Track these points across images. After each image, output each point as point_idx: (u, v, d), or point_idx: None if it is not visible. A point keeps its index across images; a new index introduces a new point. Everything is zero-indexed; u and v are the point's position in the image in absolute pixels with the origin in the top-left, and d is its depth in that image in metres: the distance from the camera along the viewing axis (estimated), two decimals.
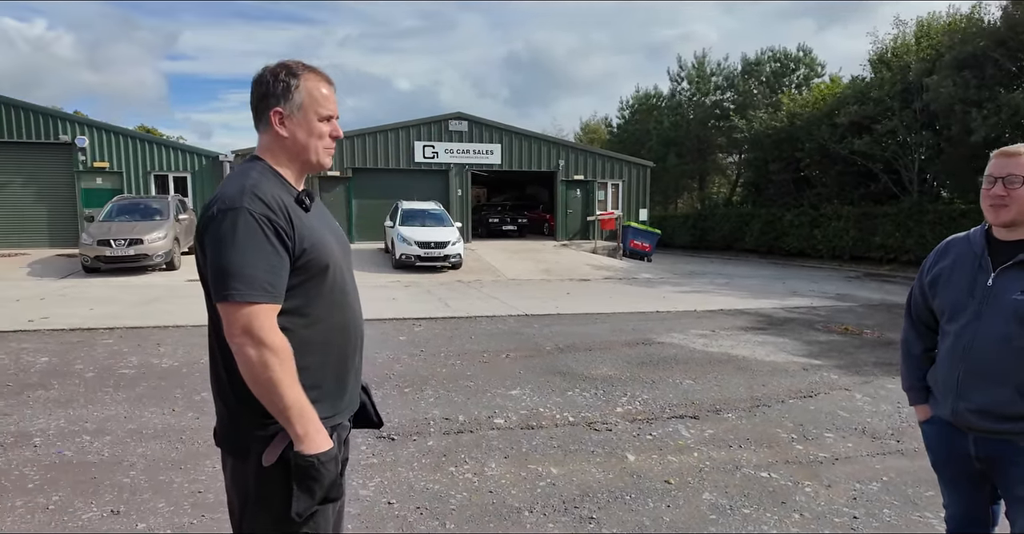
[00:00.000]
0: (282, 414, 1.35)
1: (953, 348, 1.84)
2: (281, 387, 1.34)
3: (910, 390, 2.05)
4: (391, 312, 8.77)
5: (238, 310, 1.34)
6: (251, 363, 1.33)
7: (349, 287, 1.58)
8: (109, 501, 3.08)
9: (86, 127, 17.65)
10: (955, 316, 1.83)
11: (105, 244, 12.21)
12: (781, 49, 27.68)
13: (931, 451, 2.01)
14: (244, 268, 1.34)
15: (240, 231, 1.35)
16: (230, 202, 1.38)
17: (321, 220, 1.56)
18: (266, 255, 1.37)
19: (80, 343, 6.65)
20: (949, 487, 1.99)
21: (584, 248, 19.59)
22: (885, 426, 4.34)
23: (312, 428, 1.37)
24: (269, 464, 1.40)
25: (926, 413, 1.99)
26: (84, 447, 3.77)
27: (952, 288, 1.85)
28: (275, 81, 1.49)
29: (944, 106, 15.71)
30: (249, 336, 1.33)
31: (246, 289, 1.34)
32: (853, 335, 7.73)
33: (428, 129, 20.16)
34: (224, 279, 1.35)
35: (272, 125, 1.49)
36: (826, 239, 19.21)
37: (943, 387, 1.89)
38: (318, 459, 1.36)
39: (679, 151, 28.27)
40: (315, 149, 1.52)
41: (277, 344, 1.35)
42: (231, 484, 1.50)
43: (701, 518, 3.00)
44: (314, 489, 1.38)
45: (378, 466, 3.53)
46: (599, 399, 4.89)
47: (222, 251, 1.36)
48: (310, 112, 1.49)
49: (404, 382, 5.23)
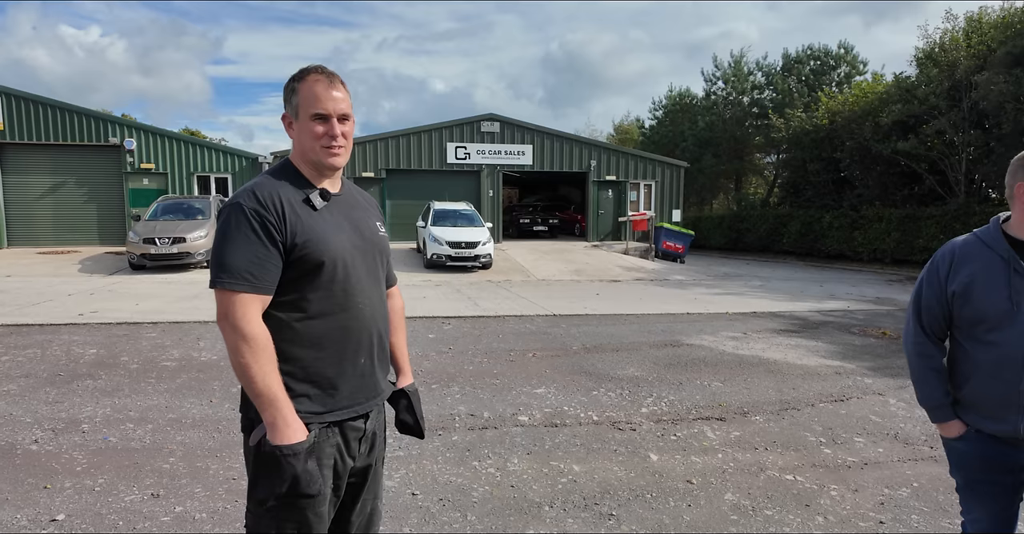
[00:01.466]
0: (255, 400, 1.42)
1: (1008, 359, 1.74)
2: (251, 374, 1.40)
3: (938, 407, 1.92)
4: (421, 310, 8.91)
5: (221, 297, 1.44)
6: (228, 348, 1.43)
7: (358, 287, 1.57)
8: (150, 485, 3.24)
9: (134, 130, 18.39)
10: (997, 326, 1.75)
11: (150, 242, 12.71)
12: (822, 47, 27.05)
13: (967, 467, 1.91)
14: (229, 259, 1.44)
15: (231, 225, 1.47)
16: (232, 199, 1.52)
17: (337, 218, 1.60)
18: (251, 247, 1.45)
19: (126, 336, 6.96)
20: (984, 501, 1.90)
21: (615, 249, 19.47)
22: (919, 432, 4.24)
23: (280, 419, 1.41)
24: (253, 444, 1.47)
25: (960, 429, 1.89)
26: (128, 434, 3.96)
27: (989, 296, 1.76)
28: (285, 87, 1.62)
29: (995, 104, 15.10)
30: (227, 322, 1.43)
31: (228, 278, 1.43)
32: (890, 339, 7.52)
33: (460, 130, 20.35)
34: (214, 268, 1.47)
35: (286, 128, 1.64)
36: (867, 241, 18.66)
37: (999, 401, 1.78)
38: (280, 450, 1.40)
39: (715, 151, 27.84)
40: (313, 149, 1.58)
41: (251, 333, 1.42)
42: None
43: (722, 518, 2.99)
44: (273, 480, 1.41)
45: (404, 459, 3.62)
46: (624, 399, 4.89)
47: (217, 242, 1.49)
48: (304, 114, 1.57)
49: (432, 378, 5.32)
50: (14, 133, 17.32)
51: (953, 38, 17.79)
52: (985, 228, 1.83)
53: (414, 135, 20.06)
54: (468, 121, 20.45)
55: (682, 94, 31.83)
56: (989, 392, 1.80)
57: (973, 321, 1.81)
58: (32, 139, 17.44)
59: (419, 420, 1.77)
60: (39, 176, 17.78)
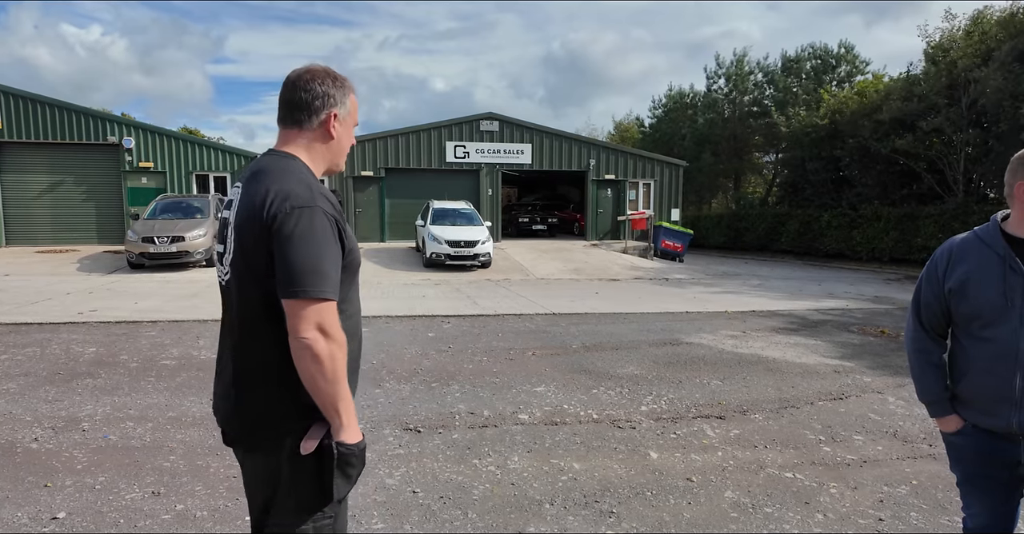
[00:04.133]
0: (335, 404, 1.40)
1: (1001, 355, 1.76)
2: (342, 380, 1.40)
3: (936, 402, 1.95)
4: (421, 309, 8.91)
5: (310, 306, 1.36)
6: (321, 357, 1.36)
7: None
8: (150, 483, 3.24)
9: (132, 129, 18.36)
10: (992, 322, 1.77)
11: (149, 241, 12.70)
12: (822, 46, 27.06)
13: (965, 462, 1.93)
14: (321, 266, 1.38)
15: (318, 230, 1.40)
16: (304, 200, 1.41)
17: None
18: (336, 254, 1.43)
19: (125, 335, 6.96)
20: (982, 496, 1.92)
21: (614, 248, 19.48)
22: (918, 430, 4.25)
23: (354, 419, 1.46)
24: (308, 453, 1.44)
25: (957, 424, 1.91)
26: (128, 432, 3.96)
27: (984, 292, 1.78)
28: (335, 83, 1.56)
29: (993, 101, 15.12)
30: (323, 331, 1.37)
31: (324, 286, 1.38)
32: (889, 338, 7.54)
33: (459, 129, 20.33)
34: (299, 275, 1.36)
35: (327, 126, 1.56)
36: (865, 240, 18.69)
37: (994, 396, 1.80)
38: (358, 447, 1.45)
39: (714, 150, 27.84)
40: (343, 154, 1.63)
41: (342, 339, 1.42)
42: (259, 477, 1.53)
43: (722, 516, 3.00)
44: (352, 475, 1.46)
45: (404, 457, 3.63)
46: (624, 397, 4.90)
47: (299, 248, 1.38)
48: (351, 120, 1.62)
49: (431, 377, 5.33)
50: (12, 132, 17.28)
51: (952, 37, 17.82)
52: (984, 226, 1.84)
53: (413, 134, 20.04)
54: (467, 120, 20.44)
55: (682, 93, 31.81)
56: (984, 387, 1.82)
57: (969, 317, 1.83)
58: (30, 138, 17.40)
59: None
60: (37, 175, 17.75)
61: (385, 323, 7.89)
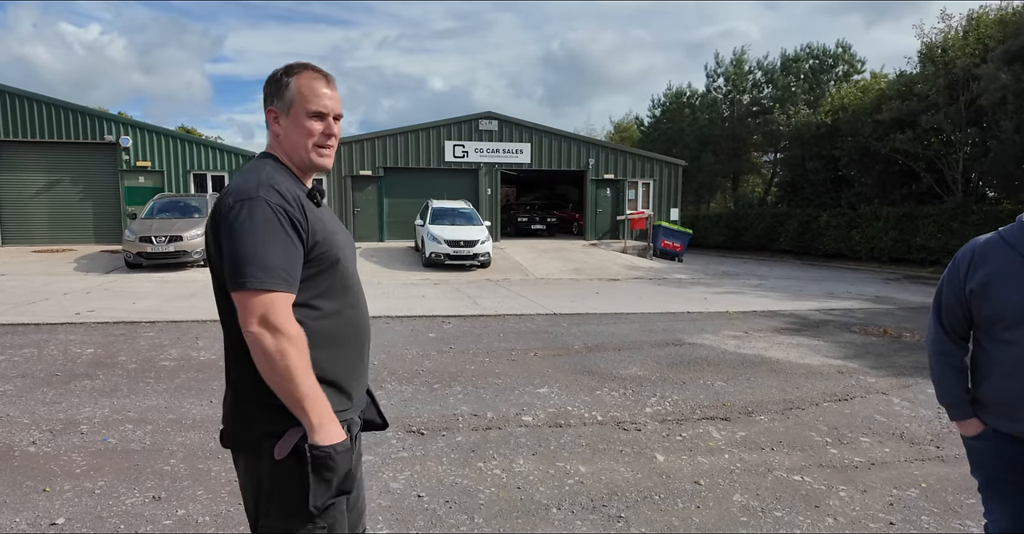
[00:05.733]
0: (298, 404, 1.34)
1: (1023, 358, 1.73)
2: (298, 376, 1.33)
3: (956, 405, 1.92)
4: (421, 309, 8.86)
5: (254, 297, 1.33)
6: (268, 352, 1.32)
7: (357, 285, 1.60)
8: (151, 488, 3.19)
9: (130, 127, 18.26)
10: (1016, 324, 1.73)
11: (147, 241, 12.62)
12: (819, 45, 27.07)
13: (986, 467, 1.89)
14: (262, 257, 1.34)
15: (258, 220, 1.36)
16: (247, 192, 1.40)
17: (329, 215, 1.58)
18: (283, 244, 1.37)
19: (123, 336, 6.90)
20: (1003, 502, 1.88)
21: (614, 248, 19.45)
22: (924, 431, 4.22)
23: (327, 419, 1.37)
24: (281, 457, 1.39)
25: (978, 428, 1.88)
26: (127, 435, 3.91)
27: (1007, 294, 1.74)
28: (273, 80, 1.53)
29: (994, 100, 15.13)
30: (266, 325, 1.32)
31: (265, 277, 1.33)
32: (891, 338, 7.52)
33: (458, 129, 20.28)
34: (241, 267, 1.34)
35: (270, 124, 1.54)
36: (864, 240, 18.69)
37: (1015, 400, 1.76)
38: (334, 449, 1.36)
39: (713, 149, 27.83)
40: (305, 148, 1.51)
41: (294, 333, 1.35)
42: (245, 482, 1.49)
43: (731, 520, 2.97)
44: (330, 480, 1.38)
45: (408, 460, 3.58)
46: (628, 399, 4.86)
47: (240, 240, 1.35)
48: (299, 109, 1.50)
49: (433, 378, 5.28)
50: (8, 131, 17.17)
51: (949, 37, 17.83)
52: (1009, 227, 1.80)
53: (412, 133, 19.98)
54: (466, 119, 20.38)
55: (681, 92, 31.77)
56: (1006, 391, 1.78)
57: (991, 319, 1.79)
58: (27, 137, 17.29)
59: (381, 413, 1.76)
60: (34, 174, 17.64)
61: (385, 323, 7.84)
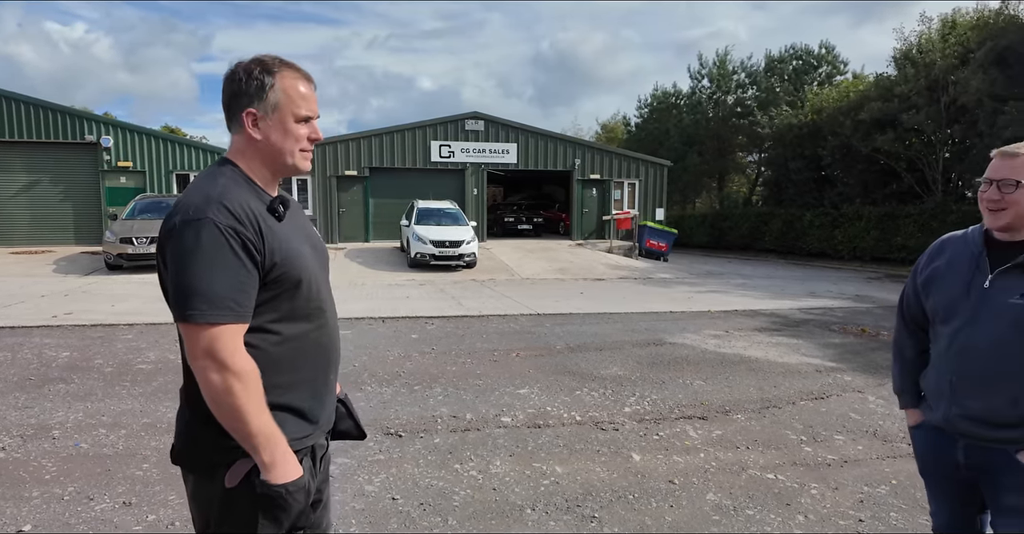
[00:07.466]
0: (247, 441, 1.26)
1: (947, 351, 1.77)
2: (246, 414, 1.24)
3: (901, 393, 1.98)
4: (404, 310, 8.84)
5: (200, 331, 1.24)
6: (214, 388, 1.24)
7: (326, 302, 1.47)
8: (122, 493, 3.16)
9: (111, 127, 18.04)
10: (949, 318, 1.76)
11: (127, 242, 12.48)
12: (803, 47, 27.36)
13: (919, 458, 1.95)
14: (208, 286, 1.24)
15: (205, 245, 1.24)
16: (195, 212, 1.27)
17: (296, 228, 1.44)
18: (233, 271, 1.26)
19: (100, 339, 6.81)
20: (936, 495, 1.94)
21: (600, 248, 19.51)
22: (897, 429, 4.28)
23: (280, 456, 1.28)
24: (232, 486, 1.31)
25: (917, 418, 1.93)
26: (100, 440, 3.87)
27: (947, 289, 1.78)
28: (248, 78, 1.36)
29: (973, 101, 15.38)
30: (212, 359, 1.24)
31: (209, 309, 1.23)
32: (870, 337, 7.61)
33: (444, 129, 20.25)
34: (186, 298, 1.24)
35: (245, 127, 1.38)
36: (847, 240, 18.91)
37: (935, 392, 1.83)
38: (286, 489, 1.28)
39: (699, 150, 28.03)
40: (291, 152, 1.40)
41: (242, 368, 1.25)
42: (195, 503, 1.41)
43: (704, 518, 2.99)
44: (281, 519, 1.30)
45: (384, 462, 3.57)
46: (608, 399, 4.88)
47: (185, 267, 1.25)
48: (286, 113, 1.38)
49: (414, 380, 5.27)
50: None
51: (929, 39, 18.10)
52: (976, 225, 1.83)
53: (398, 133, 19.92)
54: (452, 119, 20.36)
55: (667, 93, 31.96)
56: (934, 382, 1.84)
57: (933, 312, 1.84)
58: (5, 136, 17.01)
59: (359, 423, 1.69)
60: (13, 174, 17.36)
61: (368, 325, 7.81)
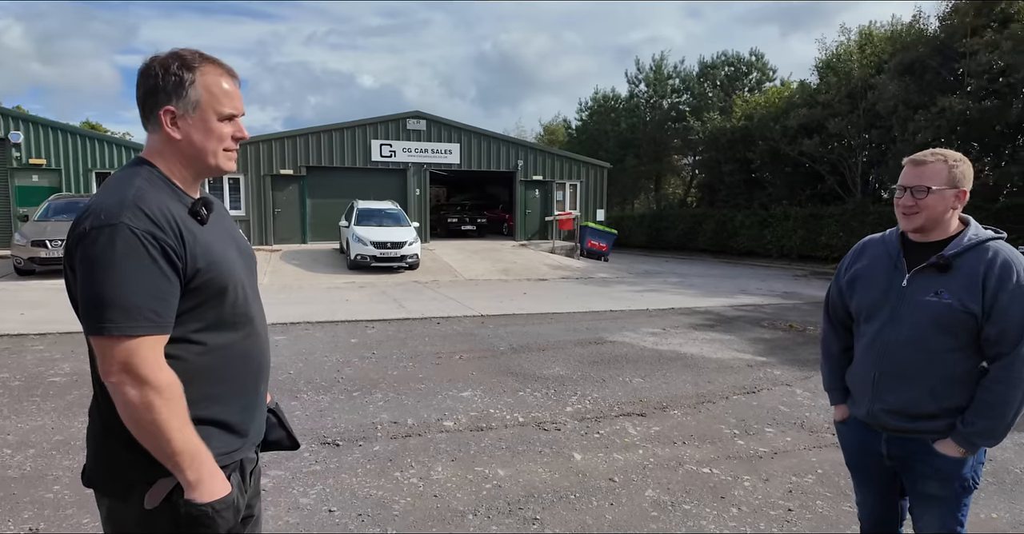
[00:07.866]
0: (170, 459, 1.19)
1: (869, 349, 1.87)
2: (168, 431, 1.17)
3: (831, 390, 2.08)
4: (343, 314, 8.62)
5: (116, 345, 1.16)
6: (132, 405, 1.16)
7: (254, 310, 1.41)
8: (28, 519, 2.91)
9: (21, 122, 16.76)
10: (871, 317, 1.86)
11: (40, 245, 11.62)
12: (735, 54, 28.47)
13: (845, 451, 2.05)
14: (124, 296, 1.16)
15: (119, 251, 1.16)
16: (107, 217, 1.18)
17: (221, 232, 1.38)
18: (151, 278, 1.18)
19: (7, 350, 6.30)
20: (862, 486, 2.04)
21: (542, 248, 19.67)
22: (822, 420, 4.50)
23: (206, 473, 1.22)
24: (153, 507, 1.24)
25: (844, 413, 2.02)
26: (4, 461, 3.56)
27: (868, 289, 1.88)
28: (165, 74, 1.28)
29: (888, 107, 16.45)
30: (128, 374, 1.16)
31: (125, 321, 1.15)
32: (797, 332, 7.99)
33: (385, 128, 19.90)
34: (100, 310, 1.15)
35: (163, 125, 1.30)
36: (775, 239, 19.81)
37: (860, 387, 1.92)
38: (212, 507, 1.22)
39: (636, 152, 28.71)
40: (214, 153, 1.34)
41: (162, 381, 1.18)
42: (108, 527, 1.32)
43: (643, 515, 3.04)
44: None
45: (321, 473, 3.46)
46: (550, 399, 4.91)
47: (97, 276, 1.16)
48: (208, 111, 1.31)
49: (353, 386, 5.14)
50: None
51: (848, 49, 19.25)
52: (893, 228, 1.93)
53: (336, 132, 19.42)
54: (393, 118, 20.03)
55: (607, 96, 32.58)
56: (858, 378, 1.93)
57: (856, 311, 1.94)
58: None
59: (291, 433, 1.62)
60: None
61: (304, 330, 7.57)
